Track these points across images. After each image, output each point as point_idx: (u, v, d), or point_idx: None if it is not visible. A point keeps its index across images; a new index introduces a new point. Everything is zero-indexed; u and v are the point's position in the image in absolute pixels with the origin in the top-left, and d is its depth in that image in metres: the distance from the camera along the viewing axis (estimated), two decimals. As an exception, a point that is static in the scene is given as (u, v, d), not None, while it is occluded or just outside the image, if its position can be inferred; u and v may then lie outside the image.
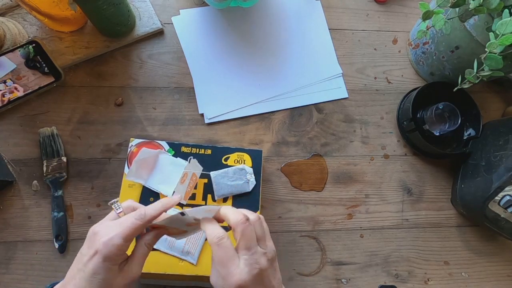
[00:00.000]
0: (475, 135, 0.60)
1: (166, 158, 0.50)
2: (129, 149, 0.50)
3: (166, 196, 0.48)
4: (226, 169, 0.50)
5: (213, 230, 0.34)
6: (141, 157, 0.48)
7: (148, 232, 0.37)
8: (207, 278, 0.46)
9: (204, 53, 0.63)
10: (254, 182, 0.50)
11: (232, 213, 0.34)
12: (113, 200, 0.37)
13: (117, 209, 0.36)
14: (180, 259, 0.46)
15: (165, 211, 0.37)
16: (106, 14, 0.54)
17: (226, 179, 0.49)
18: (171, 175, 0.48)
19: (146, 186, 0.48)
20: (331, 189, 0.60)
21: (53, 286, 0.36)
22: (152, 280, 0.50)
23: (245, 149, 0.52)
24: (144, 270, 0.44)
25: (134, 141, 0.50)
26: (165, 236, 0.46)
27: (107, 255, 0.32)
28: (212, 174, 0.49)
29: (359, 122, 0.63)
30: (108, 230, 0.33)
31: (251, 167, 0.51)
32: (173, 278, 0.47)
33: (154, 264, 0.45)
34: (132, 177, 0.48)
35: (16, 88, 0.55)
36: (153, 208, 0.36)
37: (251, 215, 0.35)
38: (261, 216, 0.37)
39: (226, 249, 0.33)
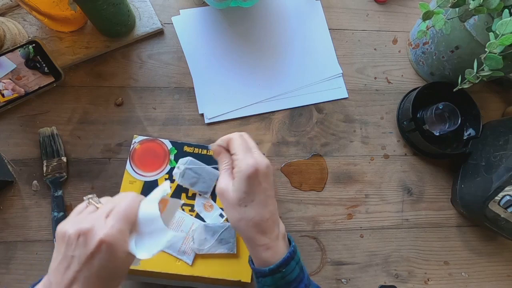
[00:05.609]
0: (475, 135, 0.60)
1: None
2: (132, 146, 0.49)
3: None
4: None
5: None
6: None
7: None
8: (201, 279, 0.47)
9: (204, 53, 0.63)
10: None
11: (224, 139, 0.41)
12: (91, 195, 0.35)
13: (97, 203, 0.34)
14: (177, 258, 0.46)
15: None
16: (106, 14, 0.54)
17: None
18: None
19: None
20: (331, 189, 0.60)
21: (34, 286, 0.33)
22: (152, 278, 0.50)
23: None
24: (141, 268, 0.45)
25: (137, 138, 0.50)
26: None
27: (115, 244, 0.29)
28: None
29: (359, 122, 0.63)
30: (101, 221, 0.30)
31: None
32: (170, 277, 0.47)
33: (151, 262, 0.45)
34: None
35: (16, 88, 0.55)
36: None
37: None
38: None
39: (246, 140, 0.40)
